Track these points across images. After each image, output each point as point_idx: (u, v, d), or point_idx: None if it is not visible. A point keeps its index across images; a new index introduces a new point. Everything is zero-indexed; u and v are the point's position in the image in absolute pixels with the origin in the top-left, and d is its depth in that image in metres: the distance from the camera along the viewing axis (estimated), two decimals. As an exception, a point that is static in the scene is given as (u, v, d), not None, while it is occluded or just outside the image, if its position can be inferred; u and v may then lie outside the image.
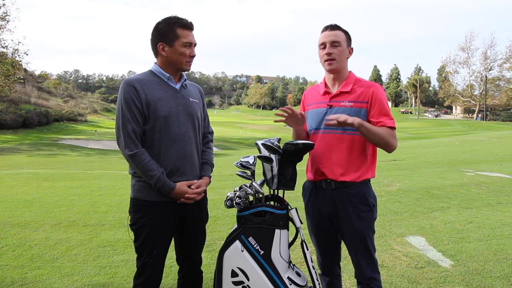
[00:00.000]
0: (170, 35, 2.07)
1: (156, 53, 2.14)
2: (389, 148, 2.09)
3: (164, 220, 2.12)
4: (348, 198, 2.12)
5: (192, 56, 2.14)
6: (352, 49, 2.20)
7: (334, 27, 2.15)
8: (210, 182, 2.30)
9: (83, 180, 7.89)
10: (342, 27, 2.17)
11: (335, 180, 2.14)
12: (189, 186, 2.15)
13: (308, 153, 2.25)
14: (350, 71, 2.23)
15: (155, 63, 2.18)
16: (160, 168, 2.06)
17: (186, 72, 2.24)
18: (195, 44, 2.15)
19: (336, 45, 2.11)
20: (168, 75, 2.14)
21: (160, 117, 2.06)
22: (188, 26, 2.10)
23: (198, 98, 2.30)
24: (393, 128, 2.08)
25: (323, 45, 2.15)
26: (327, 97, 2.19)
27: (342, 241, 2.32)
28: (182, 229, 2.24)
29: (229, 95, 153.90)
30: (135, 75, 2.13)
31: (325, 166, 2.16)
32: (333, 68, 2.14)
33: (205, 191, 2.28)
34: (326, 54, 2.13)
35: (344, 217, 2.14)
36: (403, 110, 79.88)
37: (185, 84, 2.22)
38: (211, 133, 2.46)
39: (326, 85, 2.24)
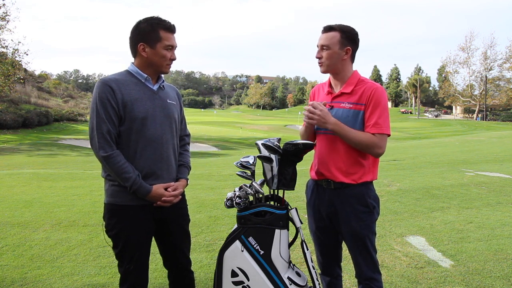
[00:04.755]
0: (152, 36, 2.02)
1: (135, 53, 2.09)
2: (370, 153, 2.10)
3: (141, 224, 2.08)
4: (347, 199, 2.12)
5: (173, 59, 2.11)
6: (349, 49, 2.12)
7: (327, 29, 2.12)
8: (187, 184, 2.27)
9: (83, 180, 7.88)
10: (339, 26, 2.11)
11: (334, 180, 2.14)
12: (166, 189, 2.10)
13: (312, 151, 2.26)
14: (354, 71, 2.18)
15: (132, 63, 2.13)
16: (135, 171, 2.01)
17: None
18: (176, 47, 2.12)
19: (325, 48, 2.10)
20: (145, 75, 2.09)
21: (136, 118, 2.02)
22: (171, 28, 2.06)
23: (176, 100, 2.26)
24: (378, 134, 2.04)
25: (317, 48, 2.16)
26: (329, 97, 2.19)
27: (342, 242, 2.32)
28: (161, 233, 2.20)
29: (229, 95, 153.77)
30: (111, 75, 2.08)
31: (325, 167, 2.16)
32: (322, 71, 2.16)
33: (183, 193, 2.24)
34: (316, 57, 2.15)
35: (343, 218, 2.14)
36: (403, 110, 79.84)
37: (163, 86, 2.19)
38: (188, 135, 2.41)
39: (330, 84, 2.24)
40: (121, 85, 2.02)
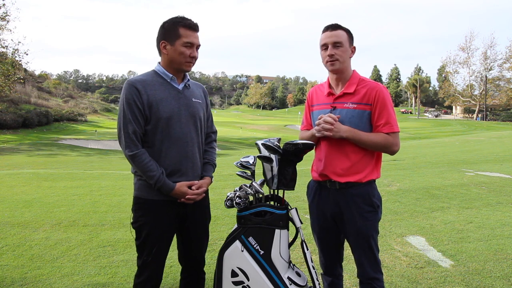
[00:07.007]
0: (173, 33, 2.07)
1: (160, 51, 2.15)
2: (387, 152, 2.14)
3: (164, 219, 2.13)
4: (352, 199, 2.12)
5: (193, 57, 2.12)
6: (354, 48, 2.18)
7: (335, 27, 2.12)
8: (211, 182, 2.30)
9: (83, 180, 7.88)
10: (343, 26, 2.14)
11: (339, 181, 2.13)
12: (190, 187, 2.14)
13: (312, 152, 2.25)
14: (353, 71, 2.20)
15: (159, 63, 2.18)
16: (160, 168, 2.06)
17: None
18: (198, 46, 2.13)
19: (338, 45, 2.10)
20: (171, 75, 2.14)
21: (162, 118, 2.07)
22: (191, 26, 2.09)
23: (202, 98, 2.29)
24: (391, 133, 2.08)
25: (324, 46, 2.13)
26: (331, 98, 2.19)
27: (344, 241, 2.32)
28: (183, 229, 2.24)
29: (229, 95, 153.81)
30: (138, 76, 2.14)
31: (329, 167, 2.15)
32: (335, 68, 2.13)
33: (206, 191, 2.28)
34: (328, 55, 2.11)
35: (348, 217, 2.14)
36: (403, 110, 79.87)
37: (188, 85, 2.22)
38: (215, 132, 2.46)
39: (330, 85, 2.23)
40: (147, 85, 2.07)
